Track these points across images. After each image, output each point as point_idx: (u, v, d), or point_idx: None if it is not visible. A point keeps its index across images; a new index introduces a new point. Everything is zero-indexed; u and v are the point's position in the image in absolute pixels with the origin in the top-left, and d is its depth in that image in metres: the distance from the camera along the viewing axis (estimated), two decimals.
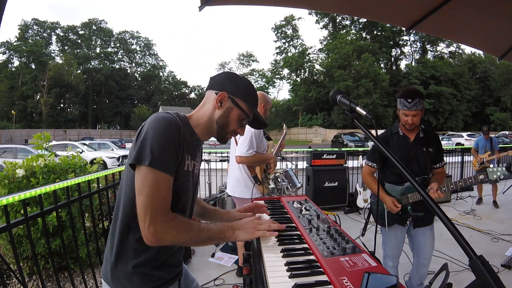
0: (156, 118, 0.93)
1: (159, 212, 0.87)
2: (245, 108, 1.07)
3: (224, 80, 1.07)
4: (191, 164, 1.03)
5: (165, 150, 0.90)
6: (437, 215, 0.70)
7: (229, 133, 1.09)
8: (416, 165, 2.06)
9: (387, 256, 2.24)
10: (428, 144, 2.07)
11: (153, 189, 0.87)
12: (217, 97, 1.04)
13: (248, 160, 2.42)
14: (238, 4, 2.53)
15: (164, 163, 0.89)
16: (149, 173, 0.87)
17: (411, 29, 2.79)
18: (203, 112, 1.08)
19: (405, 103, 1.95)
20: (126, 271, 0.96)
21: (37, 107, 42.75)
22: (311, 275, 0.80)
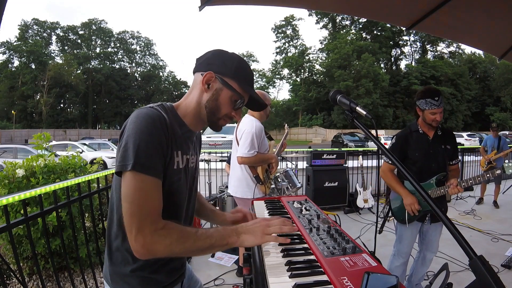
0: (137, 116, 0.83)
1: (146, 220, 0.77)
2: (237, 88, 0.94)
3: (211, 58, 0.95)
4: (183, 160, 0.94)
5: (150, 150, 0.80)
6: (437, 215, 0.70)
7: (221, 118, 0.97)
8: (435, 162, 2.12)
9: (400, 253, 2.27)
10: (445, 141, 2.15)
11: (139, 194, 0.78)
12: (203, 78, 0.92)
13: (250, 161, 2.41)
14: (238, 4, 2.53)
15: (149, 165, 0.80)
16: (133, 177, 0.78)
17: (411, 29, 2.79)
18: (191, 99, 0.96)
19: (433, 101, 2.02)
20: (124, 275, 0.91)
21: (37, 107, 42.73)
22: (311, 275, 0.79)
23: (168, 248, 0.80)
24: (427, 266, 2.33)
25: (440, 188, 2.06)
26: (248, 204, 2.43)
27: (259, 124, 2.48)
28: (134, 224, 0.77)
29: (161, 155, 0.83)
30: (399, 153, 2.18)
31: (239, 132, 2.53)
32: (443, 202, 2.20)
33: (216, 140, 12.26)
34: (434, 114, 2.04)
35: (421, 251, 2.33)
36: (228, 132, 12.66)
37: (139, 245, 0.77)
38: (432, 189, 2.08)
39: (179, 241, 0.80)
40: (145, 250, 0.77)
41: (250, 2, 2.60)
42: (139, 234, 0.77)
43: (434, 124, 2.07)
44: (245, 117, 2.63)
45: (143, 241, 0.77)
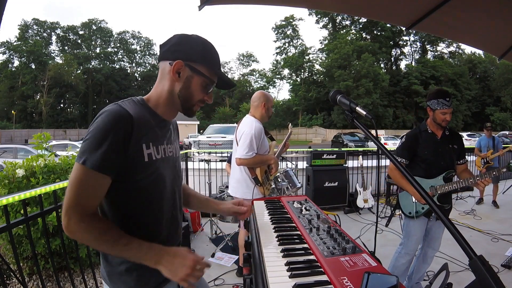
0: (100, 113, 0.86)
1: (75, 209, 0.81)
2: (206, 73, 0.95)
3: (176, 45, 0.94)
4: (158, 151, 0.94)
5: (103, 148, 0.81)
6: (437, 215, 0.70)
7: (195, 104, 0.98)
8: (443, 161, 2.21)
9: (407, 250, 2.31)
10: (453, 141, 2.26)
11: (78, 184, 0.82)
12: (173, 68, 0.91)
13: (248, 162, 2.40)
14: (237, 4, 2.53)
15: (97, 161, 0.81)
16: (80, 169, 0.82)
17: (411, 29, 2.79)
18: (161, 89, 0.96)
19: (444, 102, 2.12)
20: (121, 273, 0.93)
21: (37, 107, 42.74)
22: (311, 275, 0.79)
23: (85, 241, 0.86)
24: (428, 263, 2.37)
25: (448, 184, 2.14)
26: None
27: (258, 125, 2.47)
28: (66, 206, 0.82)
29: (115, 153, 0.83)
30: (408, 151, 2.27)
31: (239, 133, 2.52)
32: (448, 198, 2.27)
33: (216, 140, 12.27)
34: (445, 114, 2.13)
35: (423, 247, 2.38)
36: (228, 132, 12.68)
37: (63, 225, 0.82)
38: (440, 185, 2.16)
39: (95, 241, 0.84)
40: (67, 231, 0.82)
41: (250, 2, 2.60)
42: (65, 217, 0.81)
43: (443, 124, 2.16)
44: (245, 117, 2.62)
45: (67, 224, 0.81)
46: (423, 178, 2.22)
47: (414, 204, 2.25)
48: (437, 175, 2.20)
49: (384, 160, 5.63)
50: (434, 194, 2.18)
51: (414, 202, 2.26)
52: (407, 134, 2.36)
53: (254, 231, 1.17)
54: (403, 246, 2.34)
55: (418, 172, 2.24)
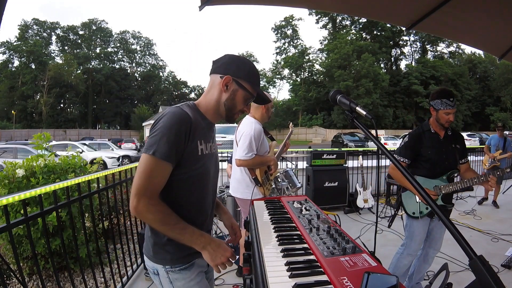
0: (167, 113, 1.04)
1: (145, 192, 0.97)
2: (249, 89, 1.14)
3: (228, 63, 1.13)
4: (206, 147, 1.14)
5: (170, 142, 0.99)
6: (437, 215, 0.70)
7: (236, 113, 1.17)
8: (447, 160, 2.21)
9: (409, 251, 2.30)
10: (455, 141, 2.26)
11: (148, 171, 0.99)
12: (223, 81, 1.11)
13: (248, 163, 2.39)
14: (238, 4, 2.53)
15: (165, 152, 0.99)
16: (149, 158, 0.99)
17: (411, 29, 2.79)
18: (210, 97, 1.16)
19: (448, 102, 2.10)
20: (162, 243, 1.10)
21: (37, 107, 42.75)
22: (311, 275, 0.79)
23: (149, 221, 1.02)
24: (429, 263, 2.37)
25: (452, 184, 2.14)
26: (248, 204, 2.43)
27: (258, 126, 2.46)
28: (135, 189, 0.98)
29: (178, 146, 1.02)
30: (411, 151, 2.26)
31: (239, 134, 2.52)
32: (450, 198, 2.27)
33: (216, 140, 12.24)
34: (448, 114, 2.12)
35: (424, 247, 2.37)
36: (228, 132, 12.66)
37: (132, 206, 0.98)
38: (444, 185, 2.16)
39: (157, 222, 1.01)
40: (134, 211, 0.99)
41: (250, 2, 2.60)
42: (135, 198, 0.97)
43: (447, 124, 2.15)
44: (245, 118, 2.61)
45: (136, 205, 0.98)
46: (426, 178, 2.22)
47: (418, 204, 2.23)
48: (441, 175, 2.19)
49: (384, 160, 5.63)
50: (439, 194, 2.17)
51: (418, 202, 2.24)
52: (410, 133, 2.34)
53: (254, 231, 1.17)
54: (406, 247, 2.32)
55: (421, 172, 2.23)
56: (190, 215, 1.10)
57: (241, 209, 2.70)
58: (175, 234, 1.02)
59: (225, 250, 1.06)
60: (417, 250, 2.31)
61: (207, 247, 1.05)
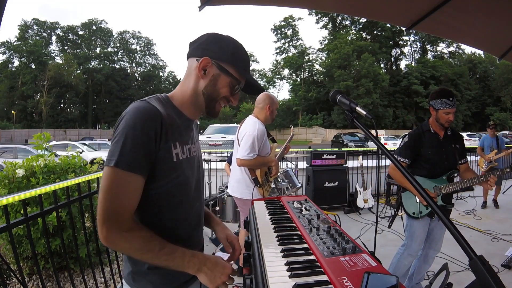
0: (129, 111, 0.82)
1: (113, 217, 0.77)
2: (234, 73, 0.92)
3: (206, 43, 0.91)
4: (183, 150, 0.92)
5: (136, 147, 0.78)
6: (437, 215, 0.70)
7: (218, 102, 0.95)
8: (446, 160, 2.22)
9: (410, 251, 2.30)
10: (455, 141, 2.26)
11: (113, 189, 0.77)
12: (199, 64, 0.89)
13: (249, 163, 2.40)
14: (238, 4, 2.53)
15: (131, 161, 0.78)
16: (112, 172, 0.78)
17: (411, 29, 2.79)
18: (186, 87, 0.94)
19: (448, 101, 2.10)
20: (145, 273, 0.91)
21: (37, 107, 42.75)
22: (311, 275, 0.79)
23: (126, 251, 0.82)
24: (429, 264, 2.37)
25: (452, 184, 2.14)
26: (247, 204, 2.43)
27: (261, 127, 2.46)
28: (101, 215, 0.77)
29: (147, 152, 0.81)
30: (412, 151, 2.26)
31: (241, 134, 2.52)
32: (450, 198, 2.28)
33: (216, 140, 12.26)
34: (448, 114, 2.12)
35: (424, 248, 2.37)
36: (228, 132, 12.68)
37: (101, 237, 0.78)
38: (444, 185, 2.16)
39: (137, 251, 0.80)
40: (105, 243, 0.78)
41: (250, 2, 2.60)
42: (104, 227, 0.77)
43: (446, 124, 2.16)
44: (248, 118, 2.61)
45: (106, 235, 0.77)
46: (426, 178, 2.22)
47: (418, 204, 2.23)
48: (441, 175, 2.19)
49: (384, 160, 5.63)
50: (439, 194, 2.17)
51: (418, 202, 2.24)
52: (410, 133, 2.33)
53: (254, 231, 1.17)
54: (406, 247, 2.31)
55: (421, 172, 2.23)
56: (174, 234, 0.92)
57: (240, 209, 2.70)
58: (162, 262, 0.82)
59: (223, 267, 0.89)
60: (418, 250, 2.30)
61: (202, 268, 0.86)
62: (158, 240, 0.83)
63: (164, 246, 0.82)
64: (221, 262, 0.90)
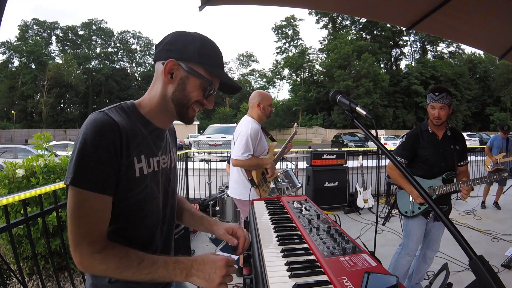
0: (85, 124, 0.75)
1: (84, 240, 0.73)
2: (204, 74, 0.83)
3: (170, 43, 0.83)
4: (149, 163, 0.85)
5: (93, 163, 0.72)
6: (437, 215, 0.70)
7: (190, 107, 0.86)
8: (444, 162, 2.18)
9: (407, 250, 2.30)
10: (455, 142, 2.21)
11: (78, 212, 0.72)
12: (164, 68, 0.81)
13: (243, 164, 2.37)
14: (238, 4, 2.53)
15: (92, 180, 0.72)
16: (74, 192, 0.72)
17: (411, 29, 2.79)
18: (154, 93, 0.86)
19: (433, 96, 2.10)
20: (104, 285, 0.85)
21: (37, 107, 42.75)
22: (311, 275, 0.79)
23: (104, 272, 0.76)
24: (428, 264, 2.37)
25: (446, 185, 2.12)
26: (246, 205, 2.43)
27: (255, 125, 2.44)
28: (72, 240, 0.73)
29: (109, 168, 0.75)
30: (409, 151, 2.25)
31: (236, 134, 2.51)
32: (447, 200, 2.26)
33: (216, 140, 12.27)
34: (434, 109, 2.11)
35: (422, 248, 2.38)
36: (228, 132, 12.68)
37: (76, 261, 0.74)
38: (439, 186, 2.14)
39: (116, 270, 0.75)
40: (81, 267, 0.74)
41: (250, 2, 2.60)
42: (76, 252, 0.73)
43: (435, 121, 2.13)
44: (243, 118, 2.60)
45: (80, 260, 0.73)
46: (423, 178, 2.21)
47: (411, 204, 2.24)
48: (437, 176, 2.18)
49: (384, 160, 5.63)
50: (432, 195, 2.15)
51: (411, 202, 2.24)
52: (408, 133, 2.33)
53: (254, 231, 1.17)
54: (403, 246, 2.32)
55: (418, 172, 2.23)
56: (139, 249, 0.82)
57: (240, 210, 2.70)
58: (146, 276, 0.76)
59: (213, 262, 0.81)
60: (415, 249, 2.30)
61: (191, 272, 0.79)
62: (135, 254, 0.77)
63: (143, 259, 0.77)
64: (209, 258, 0.83)
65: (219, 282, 0.80)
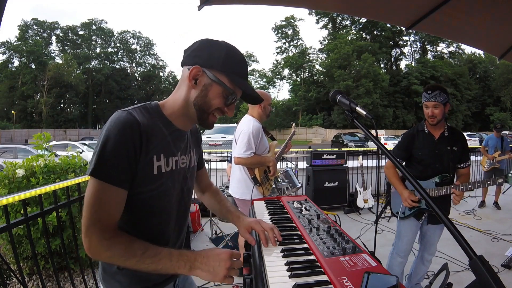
0: (110, 121, 0.80)
1: (96, 226, 0.77)
2: (227, 83, 0.86)
3: (197, 50, 0.87)
4: (168, 163, 0.89)
5: (114, 158, 0.77)
6: (437, 215, 0.70)
7: (211, 114, 0.90)
8: (439, 163, 2.11)
9: (398, 252, 2.28)
10: (453, 143, 2.11)
11: (94, 200, 0.77)
12: (190, 73, 0.85)
13: (246, 162, 2.38)
14: (237, 3, 2.53)
15: (110, 173, 0.77)
16: (93, 183, 0.78)
17: (410, 29, 2.79)
18: (178, 96, 0.90)
19: (426, 94, 2.06)
20: (114, 272, 0.91)
21: (37, 107, 42.74)
22: (311, 275, 0.80)
23: (109, 259, 0.80)
24: (426, 266, 2.35)
25: (438, 188, 2.06)
26: (248, 205, 2.43)
27: (257, 124, 2.45)
28: (84, 226, 0.77)
29: (126, 164, 0.79)
30: (404, 151, 2.22)
31: (237, 132, 2.52)
32: (443, 202, 2.19)
33: (216, 140, 12.28)
34: (427, 108, 2.07)
35: (420, 250, 2.36)
36: (228, 132, 12.68)
37: (85, 247, 0.78)
38: (430, 189, 2.08)
39: (121, 257, 0.78)
40: (89, 253, 0.79)
41: (250, 2, 2.60)
42: (86, 237, 0.77)
43: (430, 120, 2.07)
44: (244, 117, 2.61)
45: (88, 245, 0.78)
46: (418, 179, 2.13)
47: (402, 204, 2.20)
48: (431, 178, 2.11)
49: (384, 160, 5.63)
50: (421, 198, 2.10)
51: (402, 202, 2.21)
52: (404, 133, 2.30)
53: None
54: (394, 247, 2.31)
55: (412, 173, 2.18)
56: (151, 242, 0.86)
57: (241, 210, 2.69)
58: (148, 265, 0.78)
59: (217, 255, 0.82)
60: (406, 251, 2.26)
61: (194, 264, 0.81)
62: (140, 243, 0.80)
63: (147, 249, 0.79)
64: (213, 251, 0.84)
65: (224, 275, 0.80)
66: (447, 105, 2.07)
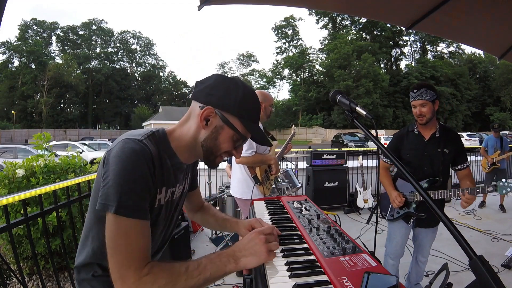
0: (122, 150, 0.75)
1: (130, 269, 0.70)
2: (239, 128, 0.83)
3: (212, 87, 0.82)
4: (167, 194, 0.87)
5: (135, 190, 0.73)
6: (437, 215, 0.70)
7: (218, 156, 0.88)
8: (428, 166, 2.01)
9: (388, 254, 2.27)
10: (444, 144, 1.99)
11: (122, 240, 0.71)
12: (202, 114, 0.81)
13: (247, 161, 2.39)
14: (237, 3, 2.52)
15: (134, 207, 0.72)
16: (116, 221, 0.71)
17: (410, 29, 2.79)
18: (186, 130, 0.86)
19: (412, 94, 2.00)
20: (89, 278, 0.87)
21: (37, 107, 42.77)
22: (311, 275, 0.79)
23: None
24: (421, 267, 2.32)
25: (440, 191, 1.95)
26: (248, 205, 2.43)
27: None
28: (117, 272, 0.71)
29: (146, 194, 0.76)
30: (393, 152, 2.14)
31: None
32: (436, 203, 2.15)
33: None
34: (415, 108, 2.00)
35: (414, 252, 2.34)
36: None
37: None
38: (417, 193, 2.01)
39: (169, 283, 0.72)
40: None
41: (250, 2, 2.59)
42: (119, 280, 0.71)
43: (419, 120, 1.99)
44: None
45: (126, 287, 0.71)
46: (405, 181, 2.10)
47: (390, 206, 2.17)
48: (421, 181, 1.99)
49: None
50: (412, 201, 2.05)
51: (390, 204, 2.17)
52: (395, 133, 2.26)
53: None
54: (386, 248, 2.29)
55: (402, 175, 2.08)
56: None
57: (241, 210, 2.70)
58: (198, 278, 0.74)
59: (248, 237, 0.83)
60: (396, 253, 2.23)
61: (237, 255, 0.80)
62: (177, 263, 0.76)
63: (187, 264, 0.76)
64: (243, 238, 0.84)
65: (266, 250, 0.80)
66: (436, 102, 1.97)
